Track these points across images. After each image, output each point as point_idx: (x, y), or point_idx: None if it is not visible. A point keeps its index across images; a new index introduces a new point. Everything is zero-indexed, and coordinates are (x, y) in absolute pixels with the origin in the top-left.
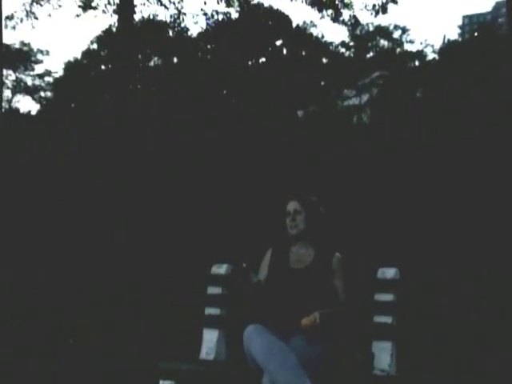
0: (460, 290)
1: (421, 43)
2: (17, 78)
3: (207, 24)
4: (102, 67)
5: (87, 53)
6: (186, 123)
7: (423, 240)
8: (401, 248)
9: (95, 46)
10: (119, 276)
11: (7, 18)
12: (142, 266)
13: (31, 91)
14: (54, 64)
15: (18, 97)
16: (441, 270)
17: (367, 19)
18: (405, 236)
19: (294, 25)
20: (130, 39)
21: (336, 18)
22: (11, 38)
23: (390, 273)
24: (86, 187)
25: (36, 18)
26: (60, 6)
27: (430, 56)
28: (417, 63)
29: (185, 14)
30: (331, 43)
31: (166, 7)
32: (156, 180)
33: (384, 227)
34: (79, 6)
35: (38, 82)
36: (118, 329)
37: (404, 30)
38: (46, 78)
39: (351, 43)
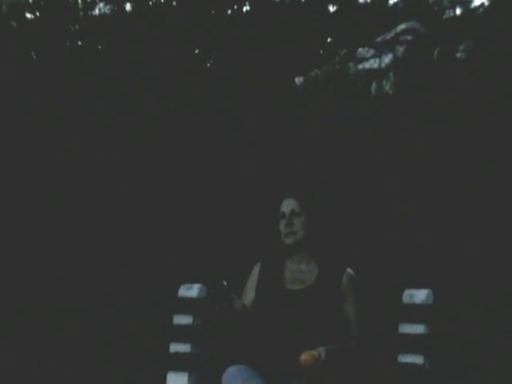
0: None
1: None
2: None
3: None
4: (28, 16)
5: None
6: (142, 98)
7: (467, 252)
8: (435, 263)
9: None
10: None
11: None
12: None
13: None
14: None
15: None
16: (493, 292)
17: None
18: (441, 246)
19: None
20: None
21: None
22: None
23: (420, 296)
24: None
25: None
26: None
27: (477, 1)
28: (458, 12)
29: None
30: None
31: None
32: (113, 179)
33: (412, 234)
34: None
35: None
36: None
37: None
38: None
39: None
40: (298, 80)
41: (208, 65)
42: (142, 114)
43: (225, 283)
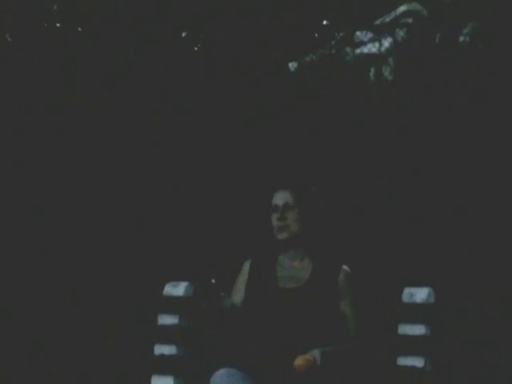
0: None
1: None
2: None
3: None
4: None
5: None
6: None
7: (470, 248)
8: (437, 260)
9: None
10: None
11: None
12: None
13: None
14: None
15: None
16: (498, 290)
17: None
18: (444, 242)
19: None
20: None
21: None
22: None
23: (420, 295)
24: None
25: None
26: None
27: None
28: None
29: None
30: None
31: None
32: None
33: (413, 230)
34: None
35: None
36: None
37: None
38: None
39: None
40: (292, 65)
41: (196, 49)
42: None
43: (213, 281)
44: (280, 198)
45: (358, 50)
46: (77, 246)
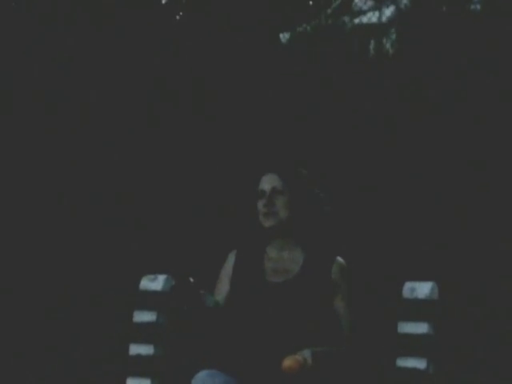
0: None
1: None
2: None
3: None
4: None
5: None
6: None
7: (476, 240)
8: (441, 252)
9: None
10: None
11: None
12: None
13: None
14: None
15: None
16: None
17: None
18: (448, 233)
19: None
20: None
21: None
22: None
23: (423, 290)
24: None
25: None
26: None
27: None
28: None
29: None
30: None
31: None
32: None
33: (414, 219)
34: None
35: None
36: None
37: None
38: None
39: None
40: (283, 37)
41: (178, 17)
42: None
43: (191, 279)
44: (267, 183)
45: (356, 20)
46: (45, 237)
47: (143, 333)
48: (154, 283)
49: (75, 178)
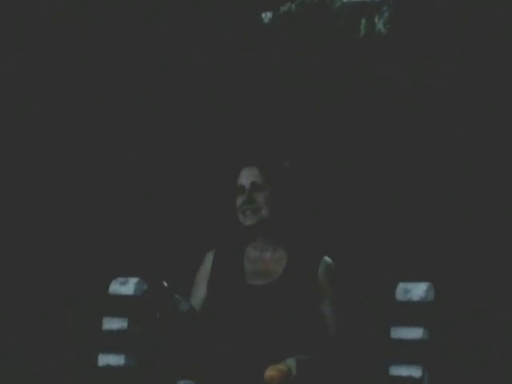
0: None
1: None
2: None
3: None
4: None
5: None
6: None
7: (475, 238)
8: (437, 251)
9: None
10: None
11: None
12: None
13: None
14: None
15: None
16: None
17: None
18: (444, 231)
19: None
20: None
21: None
22: None
23: (417, 291)
24: None
25: None
26: None
27: None
28: None
29: None
30: None
31: None
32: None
33: (409, 216)
34: None
35: None
36: None
37: None
38: None
39: None
40: (266, 16)
41: None
42: None
43: (165, 284)
44: (246, 177)
45: None
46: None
47: (113, 341)
48: (125, 287)
49: (41, 179)
